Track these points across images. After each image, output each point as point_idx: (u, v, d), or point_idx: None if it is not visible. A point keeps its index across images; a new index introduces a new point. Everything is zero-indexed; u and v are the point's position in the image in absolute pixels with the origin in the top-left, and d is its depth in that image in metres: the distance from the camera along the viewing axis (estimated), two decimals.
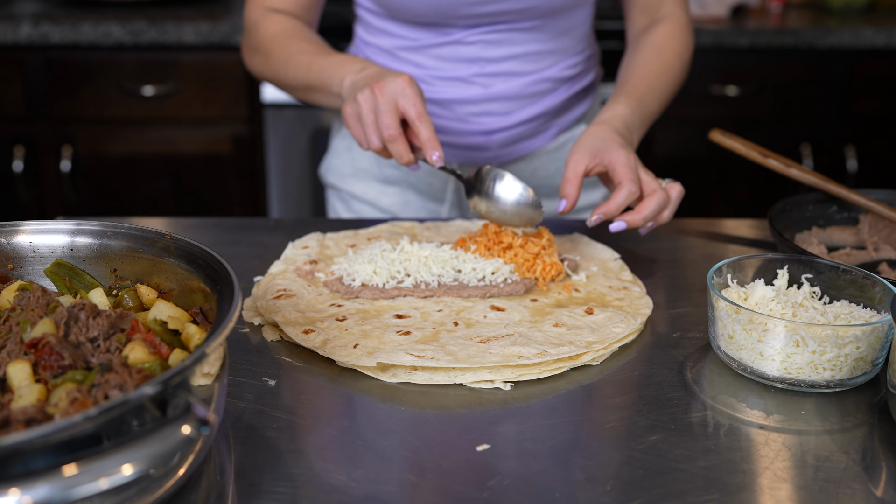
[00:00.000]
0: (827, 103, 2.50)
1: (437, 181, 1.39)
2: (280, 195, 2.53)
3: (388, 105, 1.03)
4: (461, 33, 1.27)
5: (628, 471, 0.72)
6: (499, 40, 1.28)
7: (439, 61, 1.30)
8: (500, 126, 1.34)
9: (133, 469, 0.55)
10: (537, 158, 1.39)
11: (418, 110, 1.03)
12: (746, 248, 1.17)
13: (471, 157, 1.37)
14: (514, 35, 1.28)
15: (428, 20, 1.27)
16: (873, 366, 0.84)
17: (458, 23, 1.26)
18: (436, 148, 1.03)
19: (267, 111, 2.43)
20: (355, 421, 0.78)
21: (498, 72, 1.30)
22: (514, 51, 1.29)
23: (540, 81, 1.32)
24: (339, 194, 1.46)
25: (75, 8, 2.46)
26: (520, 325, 0.92)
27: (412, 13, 1.26)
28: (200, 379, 0.64)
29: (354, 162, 1.43)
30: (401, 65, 1.33)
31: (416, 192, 1.41)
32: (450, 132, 1.35)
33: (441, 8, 1.23)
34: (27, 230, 0.84)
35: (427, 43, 1.29)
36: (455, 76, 1.31)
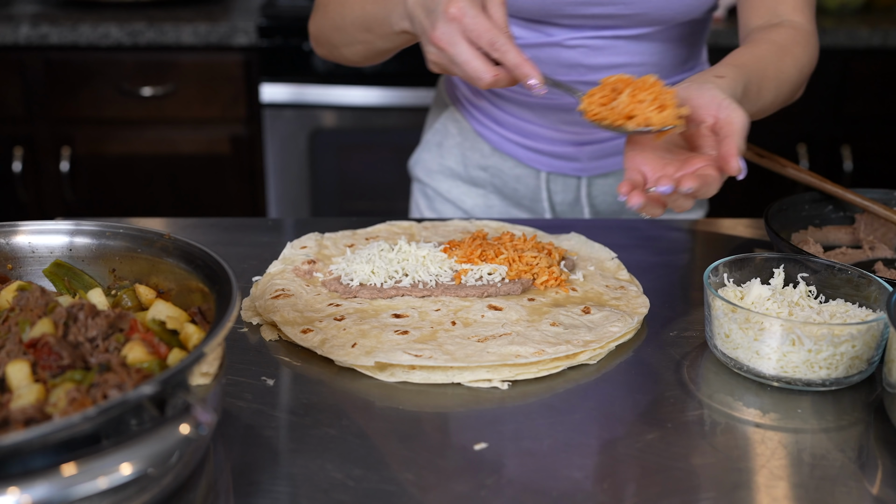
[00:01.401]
0: (823, 103, 2.50)
1: (521, 187, 1.36)
2: (278, 195, 2.53)
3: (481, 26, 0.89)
4: (563, 34, 1.21)
5: (625, 469, 0.72)
6: (601, 47, 1.22)
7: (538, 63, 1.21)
8: (593, 138, 1.29)
9: (132, 468, 0.55)
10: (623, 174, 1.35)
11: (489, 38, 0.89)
12: (743, 248, 1.18)
13: (559, 166, 1.33)
14: (618, 43, 1.22)
15: (531, 16, 1.20)
16: (869, 364, 0.84)
17: (561, 22, 1.20)
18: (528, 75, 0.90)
19: (265, 111, 2.43)
20: (353, 420, 0.78)
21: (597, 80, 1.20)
22: (615, 60, 1.23)
23: None
24: (423, 189, 1.44)
25: (74, 9, 2.47)
26: (517, 325, 0.92)
27: (516, 6, 1.19)
28: (199, 378, 0.65)
29: (443, 159, 1.40)
30: None
31: (500, 195, 1.39)
32: (540, 139, 1.31)
33: (545, 4, 1.17)
34: (26, 230, 0.84)
35: (527, 42, 1.23)
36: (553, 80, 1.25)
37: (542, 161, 1.33)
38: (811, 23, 1.14)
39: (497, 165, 1.37)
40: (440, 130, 1.42)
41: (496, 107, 1.32)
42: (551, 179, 1.35)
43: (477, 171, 1.38)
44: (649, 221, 1.29)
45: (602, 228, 1.24)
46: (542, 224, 1.23)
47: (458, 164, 1.39)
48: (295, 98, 2.41)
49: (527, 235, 1.11)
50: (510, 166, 1.36)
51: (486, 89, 0.94)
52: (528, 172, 1.35)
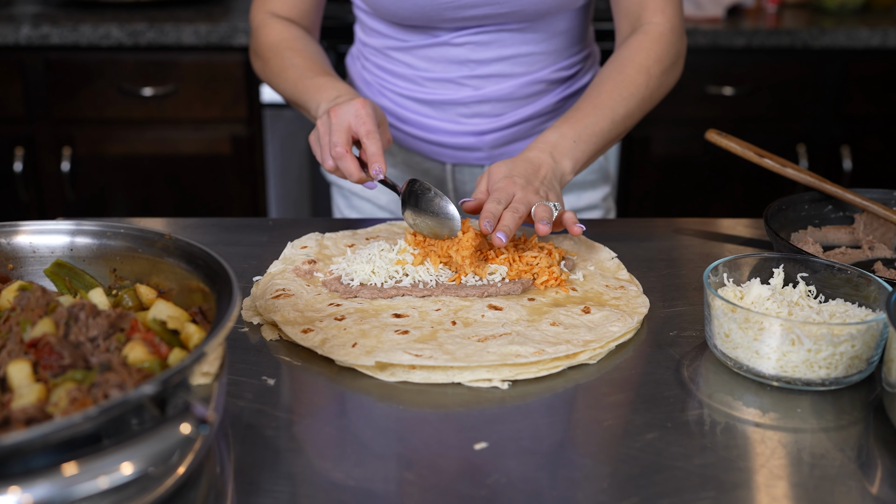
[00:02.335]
0: (822, 103, 2.50)
1: (431, 179, 1.41)
2: (279, 195, 2.53)
3: (339, 126, 1.07)
4: (448, 35, 1.27)
5: (625, 469, 0.72)
6: (488, 42, 1.28)
7: (429, 62, 1.31)
8: (492, 127, 1.34)
9: (132, 468, 0.55)
10: None
11: (367, 129, 1.06)
12: (742, 248, 1.18)
13: (462, 157, 1.38)
14: (503, 36, 1.27)
15: (413, 22, 1.27)
16: (868, 364, 0.85)
17: (444, 25, 1.26)
18: (376, 162, 1.04)
19: (266, 112, 2.44)
20: (354, 419, 0.79)
21: (488, 73, 1.30)
22: (503, 53, 1.29)
23: (532, 83, 1.32)
24: (340, 191, 1.49)
25: (75, 9, 2.47)
26: (517, 325, 0.92)
27: (397, 16, 1.26)
28: (200, 378, 0.65)
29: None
30: (393, 65, 1.34)
31: None
32: (441, 132, 1.35)
33: (424, 10, 1.23)
34: (27, 230, 0.84)
35: (416, 44, 1.30)
36: (445, 77, 1.31)
37: (446, 153, 1.38)
38: (671, 20, 1.25)
39: (405, 161, 1.42)
40: None
41: (397, 105, 1.37)
42: (457, 170, 1.40)
43: (388, 168, 1.43)
44: (650, 221, 1.29)
45: (602, 228, 1.24)
46: None
47: None
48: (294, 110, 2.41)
49: (527, 235, 1.11)
50: (418, 161, 1.41)
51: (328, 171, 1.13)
52: (434, 165, 1.41)
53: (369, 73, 1.39)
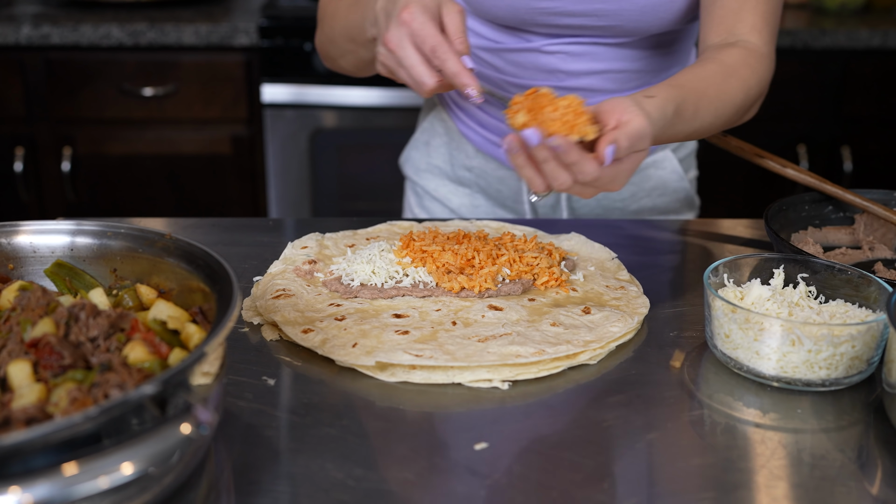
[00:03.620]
0: (823, 104, 2.50)
1: (504, 188, 1.37)
2: (279, 195, 2.53)
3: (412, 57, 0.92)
4: (542, 41, 1.22)
5: (625, 469, 0.72)
6: (581, 53, 1.22)
7: (517, 68, 1.25)
8: None
9: (133, 468, 0.55)
10: None
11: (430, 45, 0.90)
12: (742, 248, 1.18)
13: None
14: (597, 50, 1.22)
15: (507, 23, 1.21)
16: (869, 365, 0.85)
17: (538, 30, 1.20)
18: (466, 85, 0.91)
19: (266, 112, 2.44)
20: (354, 420, 0.79)
21: (577, 87, 1.24)
22: (595, 66, 1.23)
23: None
24: (413, 187, 1.46)
25: (75, 9, 2.47)
26: (517, 325, 0.92)
27: (490, 13, 1.20)
28: (200, 378, 0.65)
29: (430, 158, 1.42)
30: (481, 66, 1.28)
31: (485, 196, 1.40)
32: None
33: (518, 12, 1.18)
34: (27, 230, 0.84)
35: (508, 47, 1.24)
36: (532, 85, 1.21)
37: None
38: (767, 45, 1.14)
39: (481, 166, 1.38)
40: (428, 129, 1.43)
41: (480, 108, 1.34)
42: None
43: (462, 170, 1.39)
44: (650, 221, 1.29)
45: (602, 229, 1.24)
46: (543, 224, 1.24)
47: (446, 164, 1.40)
48: (296, 98, 2.42)
49: (527, 236, 1.11)
50: (493, 167, 1.37)
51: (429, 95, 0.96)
52: (510, 174, 1.37)
53: None
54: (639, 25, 1.18)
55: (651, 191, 1.38)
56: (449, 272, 1.01)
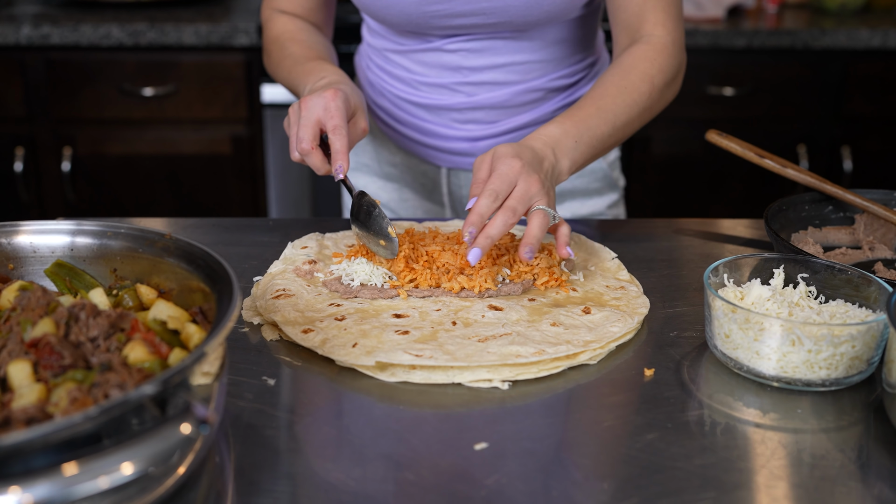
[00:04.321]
0: (823, 104, 2.50)
1: (428, 182, 1.42)
2: (279, 195, 2.53)
3: (307, 119, 1.05)
4: (441, 41, 1.27)
5: (625, 469, 0.72)
6: (480, 49, 1.26)
7: (424, 67, 1.30)
8: (486, 134, 1.34)
9: (133, 468, 0.55)
10: None
11: (334, 123, 1.04)
12: (743, 248, 1.18)
13: (457, 161, 1.38)
14: (496, 44, 1.26)
15: (404, 28, 1.26)
16: (869, 365, 0.85)
17: (435, 31, 1.25)
18: (338, 160, 1.03)
19: (266, 112, 2.44)
20: (354, 420, 0.79)
21: (481, 81, 1.29)
22: (496, 61, 1.27)
23: (528, 91, 1.30)
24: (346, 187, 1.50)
25: (75, 9, 2.47)
26: (517, 325, 0.92)
27: (387, 21, 1.25)
28: (200, 378, 0.65)
29: (357, 156, 1.46)
30: (392, 67, 1.34)
31: (412, 189, 1.44)
32: (436, 136, 1.35)
33: (411, 18, 1.22)
34: (28, 230, 0.84)
35: (411, 48, 1.30)
36: (439, 83, 1.30)
37: (441, 157, 1.38)
38: (671, 34, 1.21)
39: (404, 162, 1.43)
40: None
41: (396, 107, 1.37)
42: (453, 174, 1.40)
43: (388, 167, 1.44)
44: (650, 222, 1.29)
45: (602, 229, 1.24)
46: None
47: (372, 161, 1.45)
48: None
49: None
50: (415, 163, 1.42)
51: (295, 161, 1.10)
52: (431, 168, 1.41)
53: (372, 73, 1.39)
54: (528, 19, 1.22)
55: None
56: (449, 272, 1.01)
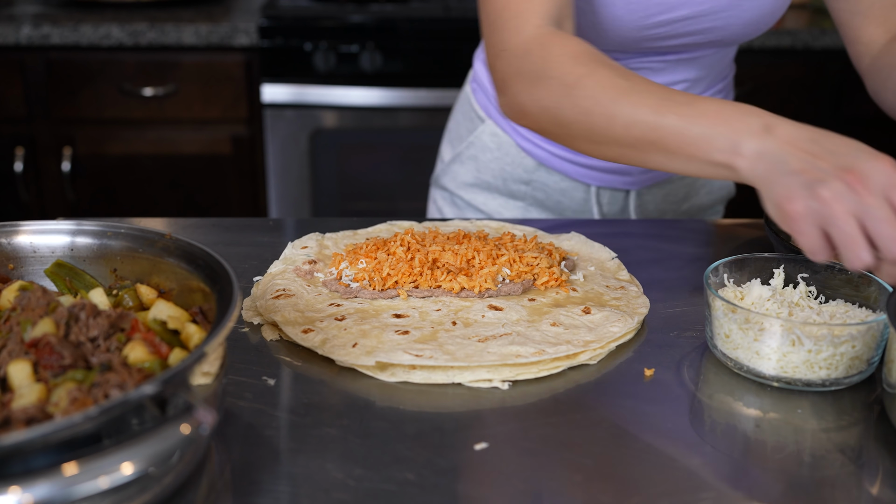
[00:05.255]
0: (823, 104, 2.50)
1: (567, 200, 1.36)
2: (279, 195, 2.53)
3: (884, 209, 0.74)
4: (630, 59, 1.19)
5: (625, 469, 0.72)
6: (661, 69, 1.22)
7: None
8: None
9: (133, 468, 0.55)
10: (671, 184, 1.38)
11: None
12: (743, 248, 1.18)
13: (609, 180, 1.35)
14: (678, 65, 1.22)
15: (611, 48, 1.15)
16: (869, 365, 0.85)
17: (631, 48, 1.16)
18: None
19: (266, 112, 2.44)
20: (354, 420, 0.79)
21: None
22: (671, 78, 1.23)
23: None
24: (452, 199, 1.44)
25: (75, 9, 2.47)
26: (518, 325, 0.92)
27: (598, 41, 1.12)
28: (200, 378, 0.65)
29: (479, 173, 1.40)
30: None
31: (541, 208, 1.39)
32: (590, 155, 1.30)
33: (625, 42, 1.12)
34: (28, 230, 0.84)
35: None
36: None
37: (593, 175, 1.34)
38: None
39: (542, 180, 1.36)
40: (475, 144, 1.40)
41: None
42: (601, 193, 1.37)
43: (517, 185, 1.37)
44: (649, 222, 1.29)
45: (602, 229, 1.24)
46: (543, 224, 1.24)
47: (497, 179, 1.38)
48: (296, 98, 2.42)
49: (527, 236, 1.11)
50: (556, 180, 1.36)
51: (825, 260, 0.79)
52: (575, 186, 1.36)
53: None
54: (737, 38, 1.19)
55: (699, 189, 1.42)
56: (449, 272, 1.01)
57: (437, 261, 1.02)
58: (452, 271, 1.01)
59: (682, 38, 1.16)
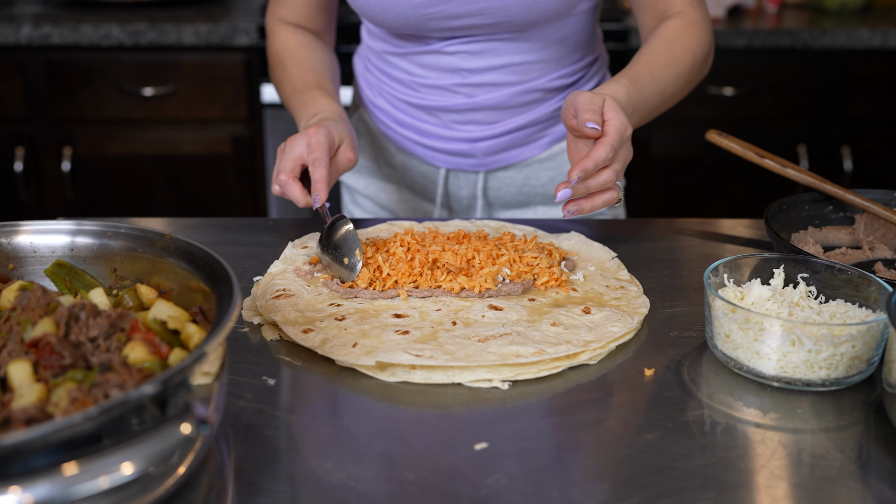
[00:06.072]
0: (823, 104, 2.50)
1: (428, 183, 1.42)
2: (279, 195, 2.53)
3: (289, 154, 1.10)
4: (440, 43, 1.27)
5: (626, 469, 0.72)
6: (479, 51, 1.26)
7: (423, 69, 1.31)
8: (486, 135, 1.34)
9: (133, 468, 0.55)
10: (528, 167, 1.38)
11: (314, 156, 1.08)
12: (743, 248, 1.18)
13: (456, 162, 1.38)
14: (495, 45, 1.26)
15: (402, 31, 1.26)
16: (869, 364, 0.85)
17: (433, 34, 1.25)
18: (316, 190, 1.07)
19: (266, 112, 2.44)
20: (354, 420, 0.79)
21: (481, 82, 1.29)
22: (495, 62, 1.27)
23: (527, 92, 1.31)
24: (347, 189, 1.51)
25: (75, 9, 2.47)
26: (518, 325, 0.92)
27: (385, 24, 1.26)
28: (200, 378, 0.65)
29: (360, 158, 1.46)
30: (391, 69, 1.34)
31: (411, 190, 1.45)
32: (436, 137, 1.36)
33: (409, 21, 1.23)
34: (28, 230, 0.84)
35: (410, 50, 1.30)
36: (438, 84, 1.31)
37: (440, 158, 1.38)
38: (699, 11, 1.23)
39: (404, 163, 1.42)
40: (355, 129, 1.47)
41: (395, 108, 1.37)
42: (452, 175, 1.40)
43: (387, 168, 1.44)
44: (650, 222, 1.29)
45: (602, 229, 1.24)
46: (543, 224, 1.24)
47: (371, 163, 1.45)
48: None
49: (527, 236, 1.11)
50: (415, 164, 1.41)
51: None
52: (430, 169, 1.41)
53: (371, 75, 1.40)
54: (526, 18, 1.21)
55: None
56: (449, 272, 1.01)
57: (437, 261, 1.02)
58: (452, 271, 1.01)
59: (468, 18, 1.21)
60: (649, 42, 1.19)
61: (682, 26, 1.20)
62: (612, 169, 0.98)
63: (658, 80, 1.13)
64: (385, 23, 1.25)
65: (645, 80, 1.11)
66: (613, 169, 0.99)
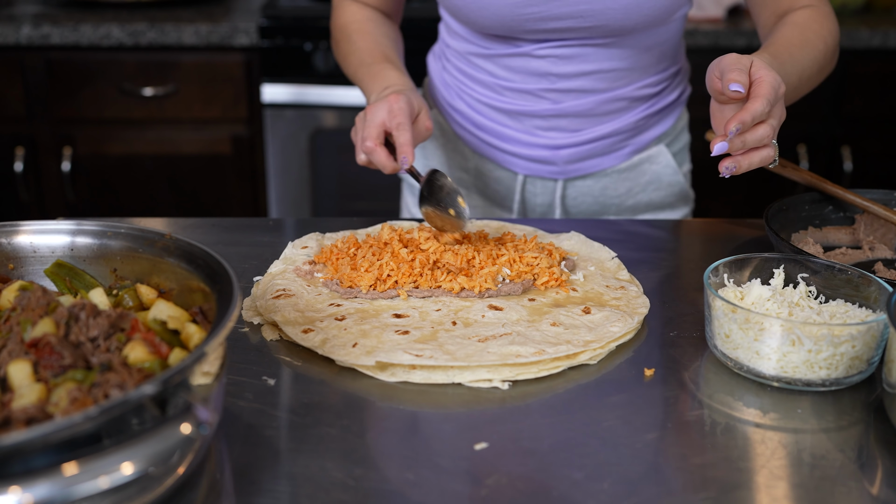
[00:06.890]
0: (823, 103, 2.50)
1: (502, 188, 1.39)
2: (279, 195, 2.53)
3: (372, 121, 1.10)
4: (530, 46, 1.24)
5: (625, 469, 0.72)
6: (570, 56, 1.24)
7: (509, 72, 1.28)
8: (568, 142, 1.31)
9: (133, 468, 0.55)
10: (607, 177, 1.36)
11: (398, 122, 1.09)
12: (743, 248, 1.18)
13: (535, 169, 1.35)
14: (586, 51, 1.24)
15: (495, 31, 1.24)
16: (869, 364, 0.85)
17: (525, 36, 1.23)
18: (403, 152, 1.07)
19: (266, 112, 2.44)
20: (354, 420, 0.79)
21: (568, 88, 1.27)
22: (585, 68, 1.25)
23: (613, 100, 1.29)
24: (412, 190, 1.49)
25: (75, 9, 2.47)
26: (518, 325, 0.92)
27: (478, 24, 1.23)
28: (200, 378, 0.65)
29: (427, 160, 1.44)
30: (474, 70, 1.32)
31: (482, 196, 1.42)
32: (516, 143, 1.33)
33: (505, 21, 1.21)
34: (28, 230, 0.84)
35: (498, 52, 1.27)
36: (524, 89, 1.28)
37: (519, 164, 1.36)
38: (826, 4, 1.20)
39: (478, 167, 1.39)
40: None
41: (475, 111, 1.35)
42: (529, 181, 1.37)
43: (460, 172, 1.41)
44: (648, 222, 1.29)
45: (603, 229, 1.24)
46: (543, 224, 1.24)
47: (442, 166, 1.42)
48: (296, 98, 2.42)
49: (527, 236, 1.11)
50: (490, 168, 1.39)
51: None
52: (506, 174, 1.38)
53: (449, 75, 1.37)
54: (624, 24, 1.20)
55: (646, 185, 1.39)
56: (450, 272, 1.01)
57: (437, 261, 1.02)
58: (452, 271, 1.01)
59: (566, 20, 1.20)
60: (780, 28, 1.15)
61: (813, 15, 1.16)
62: (768, 124, 0.94)
63: (796, 60, 1.08)
64: (478, 22, 1.23)
65: (784, 58, 1.06)
66: (770, 124, 0.95)
